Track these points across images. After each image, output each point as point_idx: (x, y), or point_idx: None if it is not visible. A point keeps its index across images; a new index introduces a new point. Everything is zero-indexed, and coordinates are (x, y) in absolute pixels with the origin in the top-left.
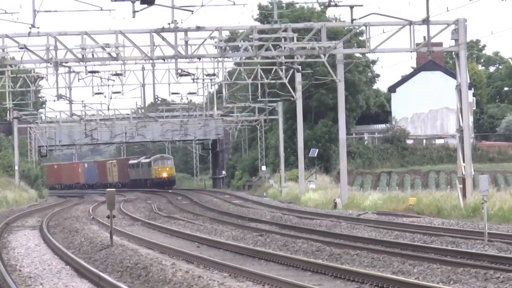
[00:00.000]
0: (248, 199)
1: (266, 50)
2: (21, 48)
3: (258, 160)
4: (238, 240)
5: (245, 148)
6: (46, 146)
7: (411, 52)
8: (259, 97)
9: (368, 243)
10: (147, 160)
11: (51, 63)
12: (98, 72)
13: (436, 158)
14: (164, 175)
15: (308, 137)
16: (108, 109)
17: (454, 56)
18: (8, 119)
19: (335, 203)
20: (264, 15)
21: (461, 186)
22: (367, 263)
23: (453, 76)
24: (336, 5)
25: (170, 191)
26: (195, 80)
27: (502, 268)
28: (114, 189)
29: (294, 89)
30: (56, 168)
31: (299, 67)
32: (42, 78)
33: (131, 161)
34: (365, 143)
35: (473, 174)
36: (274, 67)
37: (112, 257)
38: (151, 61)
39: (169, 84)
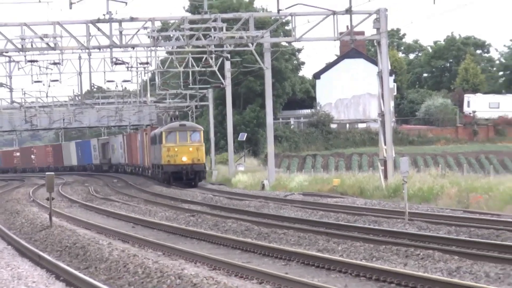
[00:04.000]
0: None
1: (197, 39)
2: None
3: None
4: (171, 221)
5: None
6: None
7: (334, 40)
8: (190, 84)
9: (294, 222)
10: (158, 132)
11: None
12: (37, 61)
13: (358, 141)
14: (185, 160)
15: (237, 122)
16: (47, 96)
17: (375, 44)
18: None
19: (263, 184)
20: (195, 6)
21: (383, 167)
22: (294, 242)
23: (375, 63)
24: None
25: (113, 179)
26: (129, 69)
27: (421, 245)
28: (53, 173)
29: (223, 76)
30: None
31: (228, 56)
32: None
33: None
34: (291, 127)
35: (394, 156)
36: (205, 56)
37: (52, 237)
38: (87, 51)
39: (104, 72)
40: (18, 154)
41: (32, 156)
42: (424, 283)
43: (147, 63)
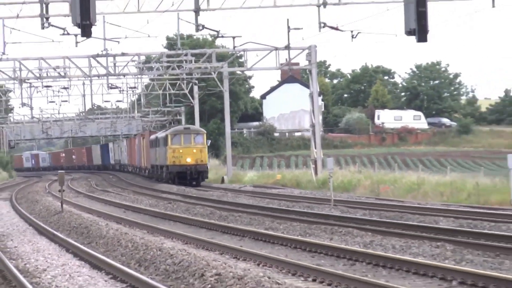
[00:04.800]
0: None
1: (172, 69)
2: None
3: None
4: (154, 207)
5: None
6: (13, 141)
7: (276, 69)
8: (168, 103)
9: (247, 207)
10: (163, 135)
11: (17, 80)
12: (51, 86)
13: (295, 146)
14: (189, 160)
15: None
16: (59, 113)
17: (308, 72)
18: None
19: (223, 179)
20: (171, 44)
21: (314, 166)
22: (247, 222)
23: (307, 86)
24: (222, 36)
25: (110, 176)
26: (121, 91)
27: (344, 224)
28: (64, 171)
29: (193, 97)
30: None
31: (196, 81)
32: (11, 91)
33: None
34: (244, 135)
35: (322, 157)
36: (178, 82)
37: (63, 220)
38: (89, 78)
39: (102, 94)
40: (63, 155)
41: (73, 157)
42: (345, 253)
43: (134, 87)
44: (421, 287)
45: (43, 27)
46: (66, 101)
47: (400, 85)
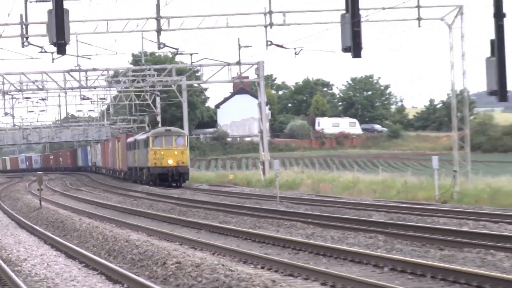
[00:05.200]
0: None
1: (137, 82)
2: None
3: None
4: (121, 203)
5: None
6: None
7: (229, 82)
8: (133, 112)
9: (203, 204)
10: (144, 137)
11: (0, 93)
12: (30, 98)
13: (246, 149)
14: (170, 162)
15: None
16: (37, 121)
17: (256, 84)
18: None
19: None
20: (136, 60)
21: (262, 167)
22: (203, 217)
23: (256, 97)
24: (181, 53)
25: (82, 176)
26: (92, 102)
27: (288, 218)
28: (42, 172)
29: (155, 107)
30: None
31: (159, 93)
32: None
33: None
34: (201, 140)
35: (269, 159)
36: (143, 93)
37: (41, 215)
38: (64, 91)
39: (76, 104)
40: (52, 157)
41: (60, 159)
42: (290, 243)
43: (104, 98)
44: (356, 273)
45: (23, 46)
46: (44, 110)
47: (338, 96)
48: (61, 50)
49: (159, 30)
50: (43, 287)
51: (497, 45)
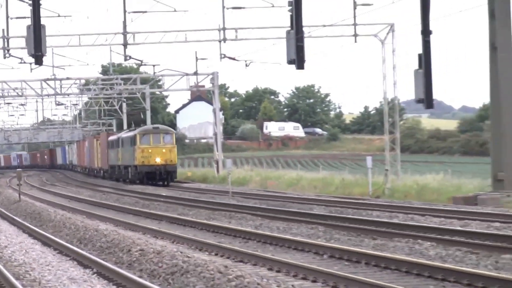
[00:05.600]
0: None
1: (106, 90)
2: None
3: None
4: (92, 197)
5: None
6: None
7: (187, 90)
8: (102, 117)
9: (165, 198)
10: (130, 135)
11: None
12: (11, 103)
13: (202, 150)
14: (158, 161)
15: None
16: (17, 124)
17: (211, 93)
18: None
19: None
20: (105, 70)
21: (216, 165)
22: (164, 209)
23: (211, 104)
24: (145, 65)
25: (57, 173)
26: (66, 107)
27: (239, 211)
28: (21, 169)
29: (122, 112)
30: None
31: (125, 100)
32: None
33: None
34: None
35: (222, 158)
36: (111, 100)
37: (20, 207)
38: (41, 97)
39: (51, 109)
40: (39, 155)
41: (45, 157)
42: (241, 233)
43: (76, 104)
44: (299, 260)
45: (5, 57)
46: (23, 114)
47: (283, 103)
48: (39, 61)
49: (125, 44)
50: (21, 271)
51: (424, 59)
